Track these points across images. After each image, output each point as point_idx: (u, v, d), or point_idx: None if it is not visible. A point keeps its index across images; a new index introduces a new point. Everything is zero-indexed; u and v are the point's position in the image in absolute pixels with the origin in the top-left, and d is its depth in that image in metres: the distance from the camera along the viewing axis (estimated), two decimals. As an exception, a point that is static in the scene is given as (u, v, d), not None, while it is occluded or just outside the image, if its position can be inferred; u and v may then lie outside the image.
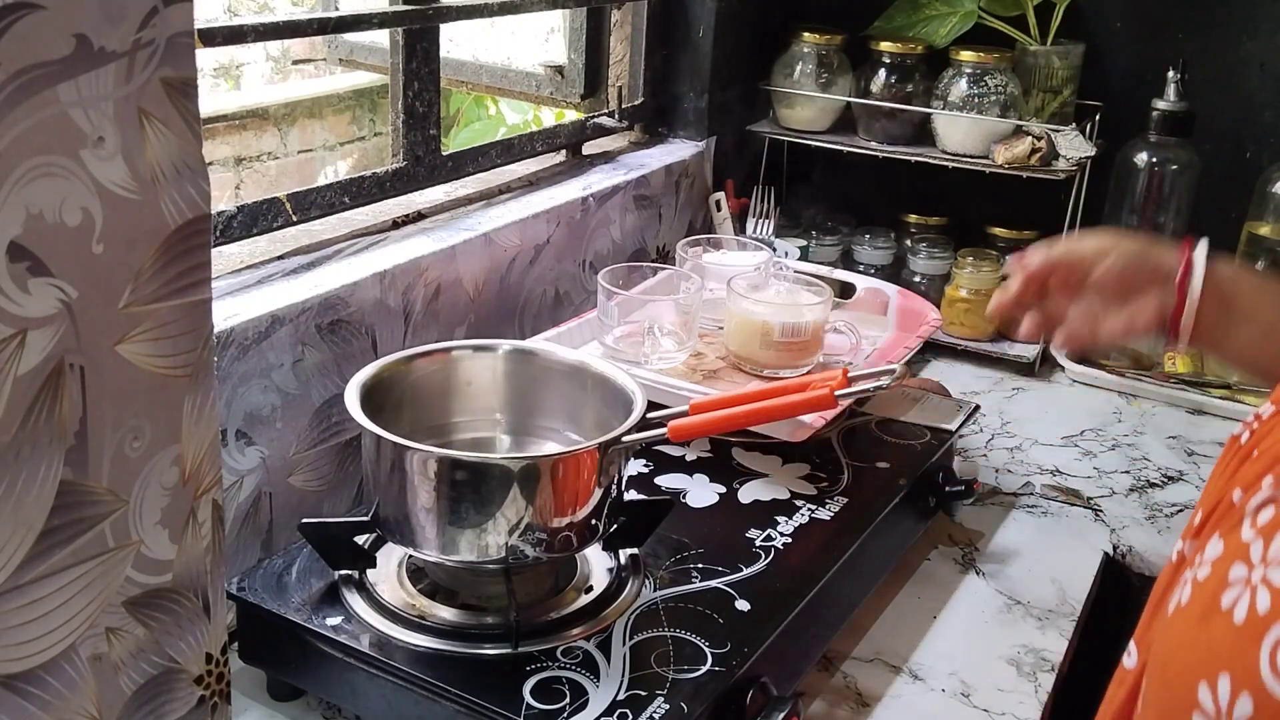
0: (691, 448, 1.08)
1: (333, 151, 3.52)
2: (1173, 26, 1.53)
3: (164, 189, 0.57)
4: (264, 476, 0.96)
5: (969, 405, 1.21)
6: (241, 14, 3.53)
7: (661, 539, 0.92)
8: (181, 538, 0.63)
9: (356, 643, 0.81)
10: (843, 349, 1.19)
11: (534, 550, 0.81)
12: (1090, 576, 1.11)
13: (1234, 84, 1.51)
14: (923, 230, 1.66)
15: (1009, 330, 1.59)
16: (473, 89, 1.77)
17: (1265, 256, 1.41)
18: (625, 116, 1.53)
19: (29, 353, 0.52)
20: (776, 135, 1.63)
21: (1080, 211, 1.50)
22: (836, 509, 1.00)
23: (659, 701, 0.76)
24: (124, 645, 0.61)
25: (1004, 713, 0.92)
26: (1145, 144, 1.45)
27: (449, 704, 0.77)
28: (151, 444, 0.60)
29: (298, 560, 0.89)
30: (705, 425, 0.89)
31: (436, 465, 0.80)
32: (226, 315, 0.91)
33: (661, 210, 1.50)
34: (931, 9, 1.56)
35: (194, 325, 0.60)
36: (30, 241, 0.51)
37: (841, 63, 1.61)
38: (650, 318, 1.13)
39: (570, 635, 0.82)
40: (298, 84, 3.62)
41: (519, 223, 1.23)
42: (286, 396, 0.96)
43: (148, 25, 0.54)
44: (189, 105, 0.57)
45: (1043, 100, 1.53)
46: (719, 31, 1.54)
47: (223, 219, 1.00)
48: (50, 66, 0.51)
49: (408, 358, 0.92)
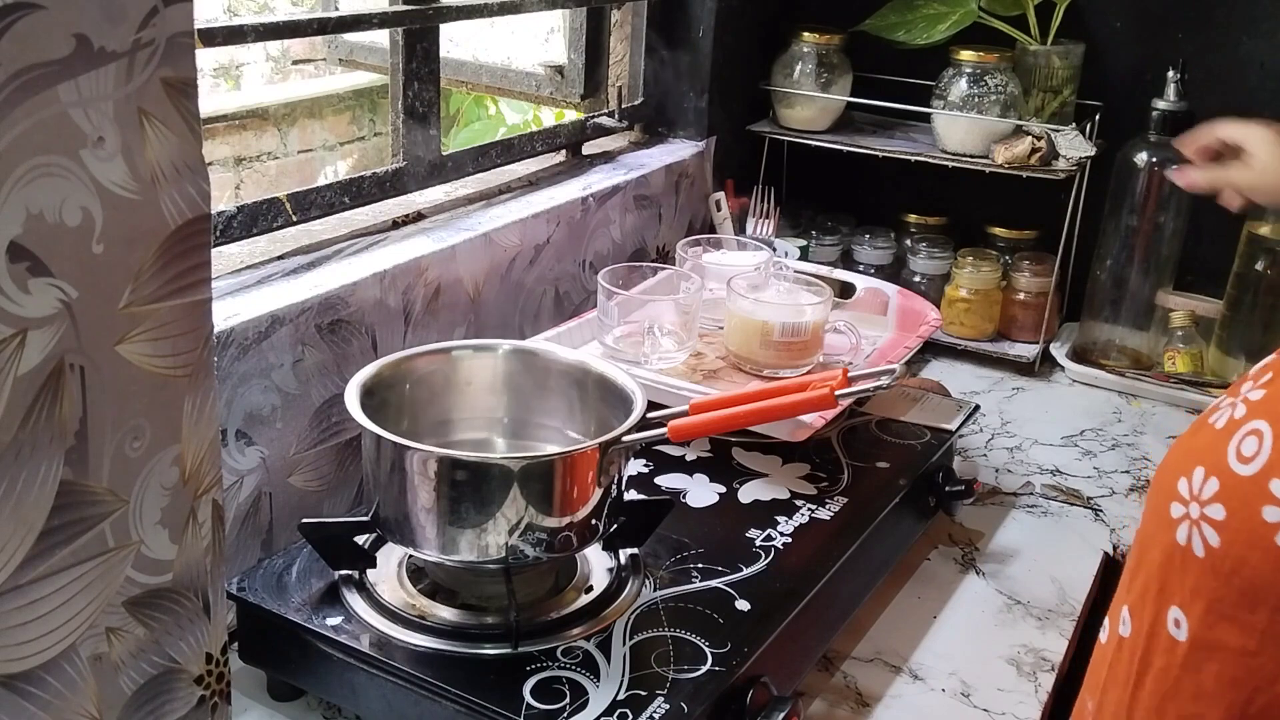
0: (691, 448, 1.08)
1: (333, 151, 3.52)
2: (1173, 26, 1.53)
3: (164, 189, 0.57)
4: (264, 476, 0.96)
5: (969, 405, 1.21)
6: (241, 14, 3.53)
7: (661, 539, 0.92)
8: (181, 538, 0.63)
9: (356, 643, 0.81)
10: (843, 349, 1.19)
11: (534, 550, 0.81)
12: (1090, 576, 1.11)
13: (1234, 84, 1.51)
14: (923, 230, 1.66)
15: (1009, 331, 1.59)
16: (473, 89, 1.77)
17: (1265, 256, 1.41)
18: (625, 116, 1.53)
19: (29, 353, 0.52)
20: (776, 135, 1.63)
21: (1080, 211, 1.50)
22: (836, 509, 1.00)
23: (659, 701, 0.76)
24: (124, 645, 0.61)
25: (1004, 713, 0.92)
26: (1145, 144, 1.45)
27: (449, 704, 0.77)
28: (151, 444, 0.60)
29: (298, 560, 0.89)
30: (705, 425, 0.89)
31: (436, 465, 0.80)
32: (226, 315, 0.91)
33: (661, 210, 1.50)
34: (929, 8, 1.56)
35: (194, 325, 0.60)
36: (30, 241, 0.51)
37: (841, 62, 1.61)
38: (650, 318, 1.13)
39: (570, 635, 0.82)
40: (298, 84, 3.61)
41: (519, 223, 1.23)
42: (286, 396, 0.96)
43: (148, 25, 0.54)
44: (189, 105, 0.57)
45: (1043, 100, 1.53)
46: (719, 31, 1.54)
47: (223, 219, 1.00)
48: (50, 66, 0.51)
49: (408, 358, 0.92)
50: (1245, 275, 1.43)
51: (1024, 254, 1.60)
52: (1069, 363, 1.53)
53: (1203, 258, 1.51)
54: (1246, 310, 1.44)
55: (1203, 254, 1.51)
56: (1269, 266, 1.41)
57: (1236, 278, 1.44)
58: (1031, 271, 1.57)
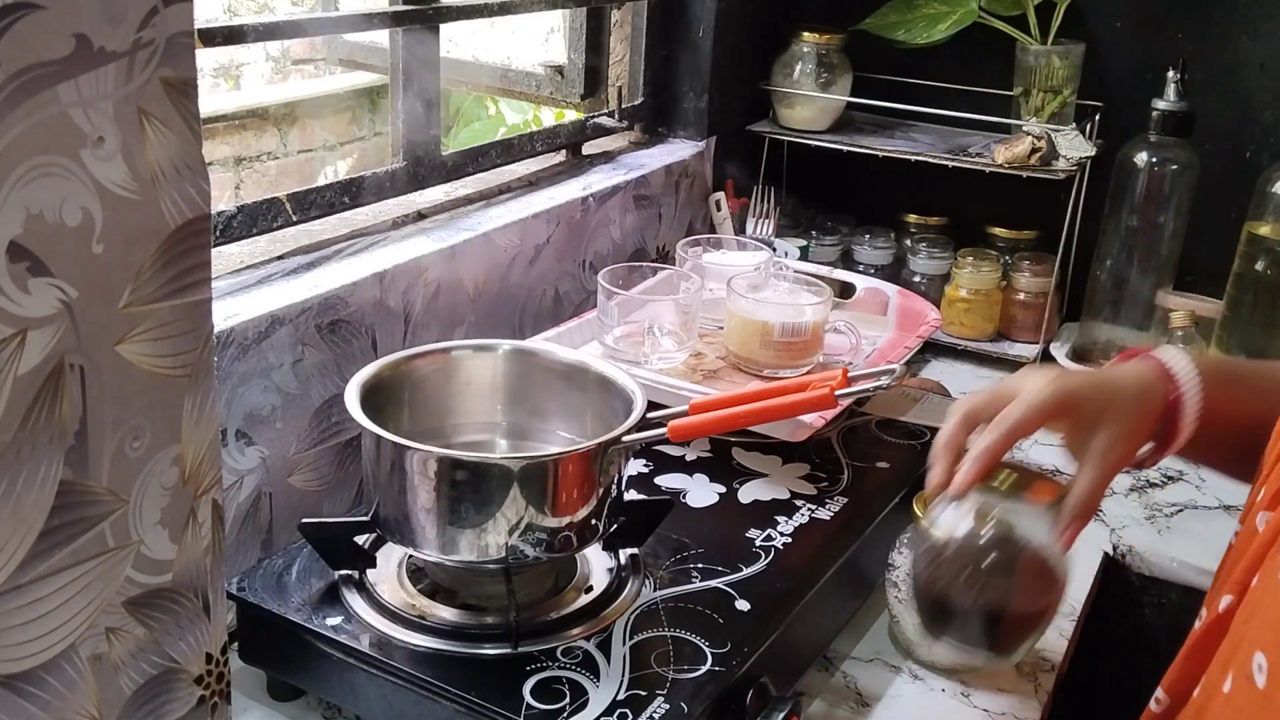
0: (691, 448, 1.08)
1: (333, 151, 3.52)
2: (1173, 26, 1.53)
3: (164, 189, 0.57)
4: (264, 476, 0.96)
5: (969, 405, 1.21)
6: (241, 14, 3.53)
7: (661, 539, 0.92)
8: (181, 538, 0.63)
9: (356, 643, 0.81)
10: (843, 349, 1.19)
11: (534, 550, 0.81)
12: (1090, 576, 1.11)
13: (1234, 84, 1.51)
14: (923, 230, 1.66)
15: (1009, 331, 1.59)
16: (473, 89, 1.77)
17: (1265, 256, 1.41)
18: (625, 116, 1.53)
19: (29, 353, 0.52)
20: (776, 135, 1.63)
21: (1080, 211, 1.50)
22: (836, 509, 1.00)
23: (659, 701, 0.76)
24: (124, 645, 0.61)
25: (1004, 713, 0.92)
26: (1145, 144, 1.45)
27: (449, 704, 0.77)
28: (151, 444, 0.59)
29: (298, 560, 0.89)
30: (705, 425, 0.89)
31: (436, 465, 0.80)
32: (226, 315, 0.91)
33: (661, 210, 1.50)
34: (929, 7, 1.56)
35: (194, 325, 0.60)
36: (30, 241, 0.51)
37: (841, 62, 1.61)
38: (650, 318, 1.13)
39: (570, 635, 0.82)
40: (298, 84, 3.61)
41: (519, 223, 1.23)
42: (286, 396, 0.96)
43: (148, 25, 0.54)
44: (189, 105, 0.57)
45: (1043, 100, 1.53)
46: (719, 31, 1.54)
47: (223, 219, 1.00)
48: (50, 66, 0.50)
49: (408, 358, 0.92)
50: (1245, 275, 1.43)
51: (1024, 254, 1.60)
52: (1069, 363, 1.53)
53: (1203, 258, 1.51)
54: (1246, 310, 1.43)
55: (1203, 254, 1.51)
56: (1269, 266, 1.41)
57: (1236, 278, 1.44)
58: (1031, 271, 1.57)
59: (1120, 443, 0.76)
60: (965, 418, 0.77)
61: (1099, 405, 0.76)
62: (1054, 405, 0.75)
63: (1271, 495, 0.67)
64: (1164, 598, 1.18)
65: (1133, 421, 0.76)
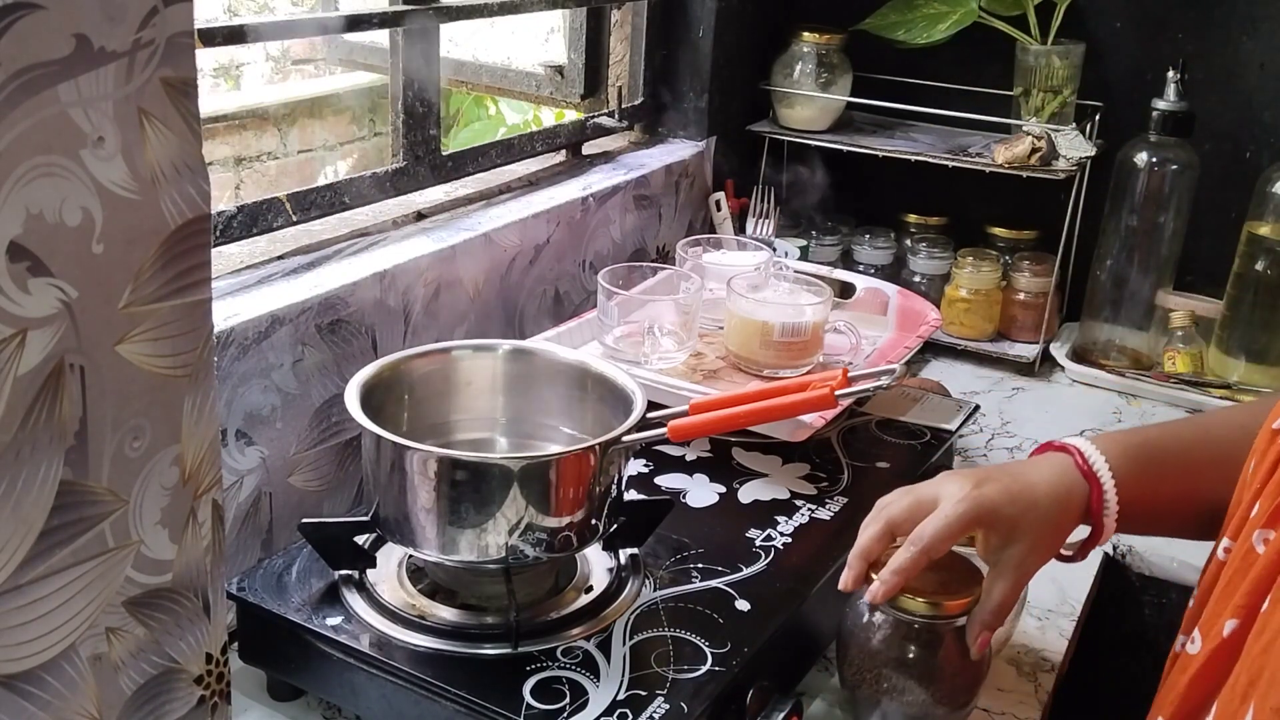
0: (691, 448, 1.08)
1: (333, 151, 3.52)
2: (1173, 26, 1.53)
3: (164, 189, 0.57)
4: (264, 476, 0.96)
5: (969, 405, 1.21)
6: (241, 14, 3.53)
7: (661, 539, 0.92)
8: (181, 538, 0.63)
9: (356, 643, 0.81)
10: (843, 349, 1.19)
11: (534, 550, 0.81)
12: (1090, 576, 1.11)
13: (1234, 84, 1.51)
14: (923, 230, 1.66)
15: (1009, 331, 1.59)
16: (473, 89, 1.77)
17: (1265, 256, 1.41)
18: (625, 116, 1.53)
19: (29, 353, 0.52)
20: (776, 135, 1.63)
21: (1080, 211, 1.50)
22: (836, 509, 1.00)
23: (659, 701, 0.76)
24: (124, 645, 0.61)
25: (1004, 713, 0.92)
26: (1145, 144, 1.45)
27: (449, 704, 0.77)
28: (151, 444, 0.60)
29: (298, 560, 0.89)
30: (705, 425, 0.89)
31: (436, 465, 0.80)
32: (226, 315, 0.91)
33: (661, 210, 1.50)
34: (929, 7, 1.56)
35: (194, 325, 0.60)
36: (30, 241, 0.51)
37: (841, 62, 1.61)
38: (650, 318, 1.13)
39: (570, 635, 0.82)
40: (298, 84, 3.61)
41: (519, 223, 1.23)
42: (286, 396, 0.96)
43: (148, 25, 0.54)
44: (189, 105, 0.57)
45: (1043, 100, 1.53)
46: (719, 31, 1.54)
47: (223, 219, 1.00)
48: (50, 66, 0.50)
49: (408, 358, 0.92)
50: (1245, 275, 1.43)
51: (1024, 254, 1.60)
52: (1069, 363, 1.53)
53: (1203, 258, 1.52)
54: (1246, 310, 1.44)
55: (1203, 254, 1.51)
56: (1269, 266, 1.41)
57: (1236, 278, 1.44)
58: (1031, 271, 1.57)
59: (1034, 554, 0.78)
60: (884, 530, 0.79)
61: (1014, 517, 0.77)
62: (970, 519, 0.77)
63: (1269, 513, 0.67)
64: (1164, 598, 1.18)
65: (1048, 531, 0.78)
